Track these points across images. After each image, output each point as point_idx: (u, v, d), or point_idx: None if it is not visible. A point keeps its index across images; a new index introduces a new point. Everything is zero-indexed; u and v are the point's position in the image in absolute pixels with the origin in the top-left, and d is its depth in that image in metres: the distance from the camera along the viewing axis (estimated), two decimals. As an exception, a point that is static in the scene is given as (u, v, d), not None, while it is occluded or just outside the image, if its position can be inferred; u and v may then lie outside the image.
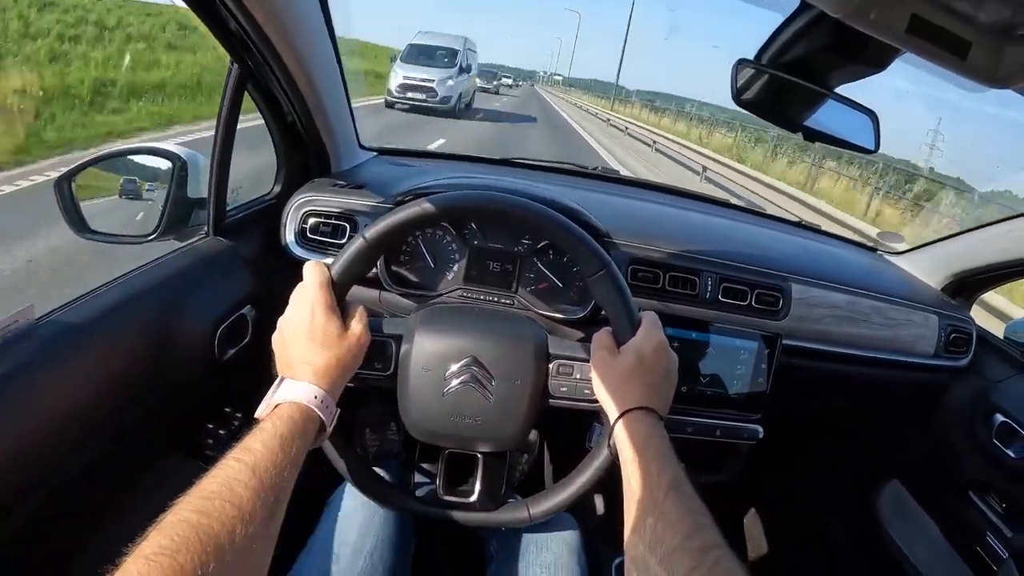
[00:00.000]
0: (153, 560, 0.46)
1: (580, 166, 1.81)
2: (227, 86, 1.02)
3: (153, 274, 0.97)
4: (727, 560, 0.55)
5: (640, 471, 0.67)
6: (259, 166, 1.36)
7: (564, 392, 0.87)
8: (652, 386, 0.78)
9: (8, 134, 5.86)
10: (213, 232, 1.10)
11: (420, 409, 0.85)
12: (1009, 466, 1.21)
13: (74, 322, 0.81)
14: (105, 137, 7.03)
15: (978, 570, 1.25)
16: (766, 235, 1.50)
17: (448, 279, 1.12)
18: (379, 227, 0.81)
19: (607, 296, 0.83)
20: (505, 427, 0.86)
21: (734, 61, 0.81)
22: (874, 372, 1.29)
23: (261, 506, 0.55)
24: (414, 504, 0.90)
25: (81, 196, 1.05)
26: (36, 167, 5.37)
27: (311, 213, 1.15)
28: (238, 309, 1.07)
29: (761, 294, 1.18)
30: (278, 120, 1.18)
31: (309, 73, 1.04)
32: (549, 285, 1.13)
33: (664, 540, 0.59)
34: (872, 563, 1.55)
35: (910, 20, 0.48)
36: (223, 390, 1.12)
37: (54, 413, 0.75)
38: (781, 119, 0.84)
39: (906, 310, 1.30)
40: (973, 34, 0.50)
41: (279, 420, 0.65)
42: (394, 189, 1.18)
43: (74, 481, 0.79)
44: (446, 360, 0.84)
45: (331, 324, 0.74)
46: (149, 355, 0.91)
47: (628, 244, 1.16)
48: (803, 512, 1.77)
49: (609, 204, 1.39)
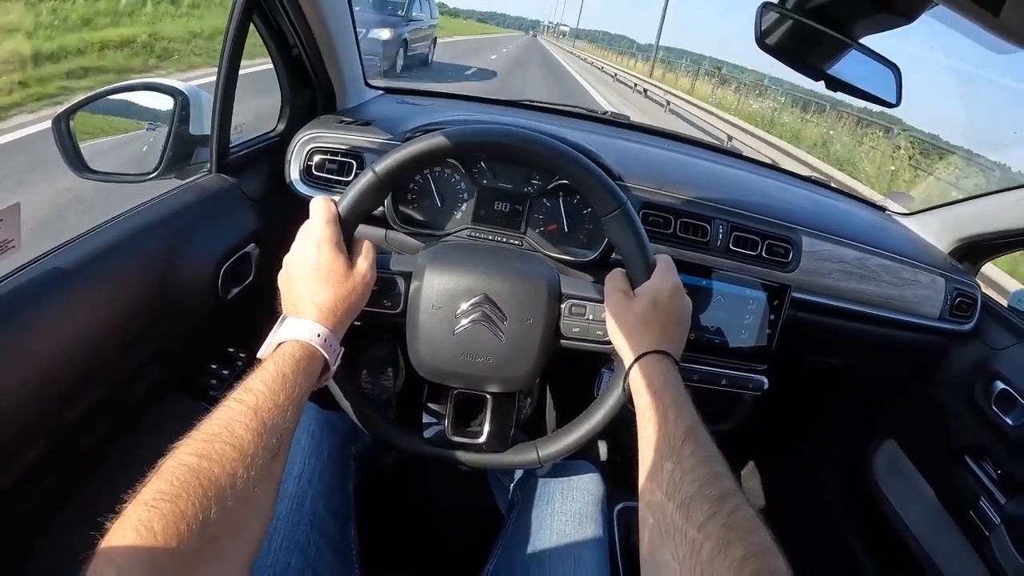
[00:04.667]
0: (153, 506, 0.45)
1: (590, 110, 1.78)
2: (232, 17, 0.99)
3: (155, 211, 0.95)
4: (744, 508, 0.55)
5: (657, 416, 0.67)
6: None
7: (576, 333, 0.86)
8: (668, 330, 0.77)
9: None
10: (216, 169, 1.08)
11: (430, 348, 0.84)
12: (1006, 433, 1.21)
13: (75, 261, 0.79)
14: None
15: (970, 534, 1.27)
16: (777, 187, 1.49)
17: (456, 218, 1.11)
18: (389, 161, 0.78)
19: (622, 236, 0.81)
20: (516, 367, 0.85)
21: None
22: (878, 330, 1.29)
23: (263, 448, 0.54)
24: (423, 445, 0.90)
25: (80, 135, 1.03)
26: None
27: (317, 150, 1.12)
28: (242, 247, 1.05)
29: (772, 245, 1.17)
30: (284, 54, 1.15)
31: (317, 5, 1.01)
32: (558, 226, 1.11)
33: (682, 486, 0.58)
34: (866, 522, 1.58)
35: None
36: (226, 329, 1.12)
37: (55, 354, 0.73)
38: (804, 66, 0.81)
39: (913, 270, 1.29)
40: None
41: (281, 359, 0.63)
42: (402, 127, 1.16)
43: (76, 422, 0.79)
44: (457, 298, 0.83)
45: (337, 261, 0.73)
46: (152, 294, 0.90)
47: (640, 188, 1.14)
48: (800, 467, 1.80)
49: (620, 148, 1.37)
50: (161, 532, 0.44)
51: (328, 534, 0.86)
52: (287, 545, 0.80)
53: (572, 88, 17.72)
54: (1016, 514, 1.16)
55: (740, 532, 0.52)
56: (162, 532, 0.44)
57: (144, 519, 0.44)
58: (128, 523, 0.44)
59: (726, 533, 0.52)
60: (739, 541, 0.51)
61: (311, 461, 0.92)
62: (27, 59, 5.82)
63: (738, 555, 0.50)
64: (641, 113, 12.62)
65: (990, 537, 1.21)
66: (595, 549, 0.92)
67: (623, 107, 10.31)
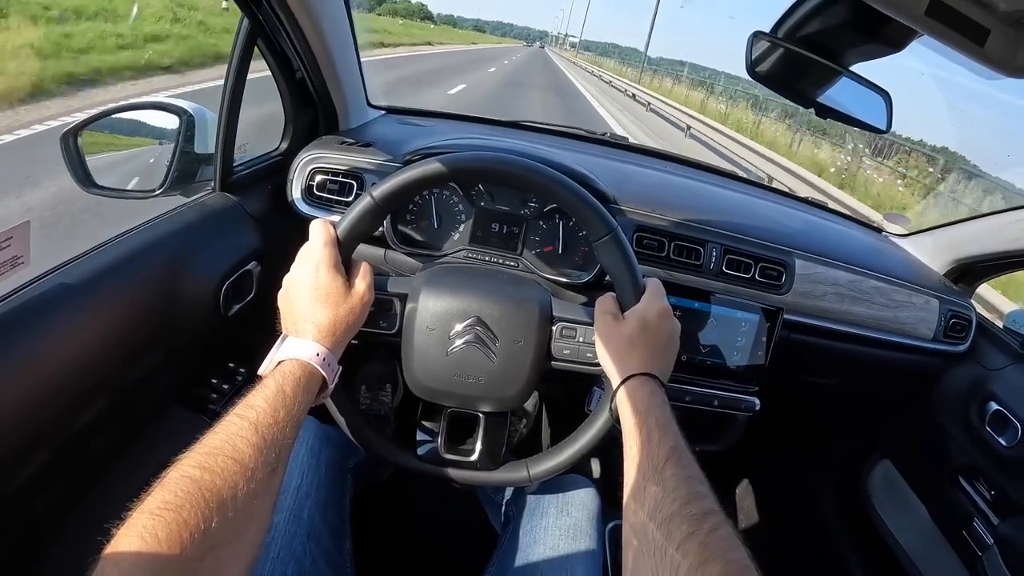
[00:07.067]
0: (157, 515, 0.47)
1: (588, 131, 1.80)
2: (237, 40, 1.02)
3: (160, 229, 0.97)
4: (724, 527, 0.56)
5: (641, 437, 0.68)
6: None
7: (567, 355, 0.88)
8: (655, 352, 0.78)
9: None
10: (220, 188, 1.11)
11: (424, 367, 0.86)
12: (1000, 454, 1.21)
13: (81, 276, 0.81)
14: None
15: (963, 554, 1.27)
16: (772, 208, 1.50)
17: (453, 239, 1.13)
18: (387, 186, 0.80)
19: (612, 261, 0.83)
20: (507, 387, 0.87)
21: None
22: (872, 352, 1.30)
23: (263, 462, 0.56)
24: (416, 462, 0.91)
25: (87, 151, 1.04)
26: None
27: (318, 170, 1.15)
28: (243, 265, 1.08)
29: (765, 267, 1.19)
30: (287, 76, 1.17)
31: (320, 28, 1.04)
32: (554, 249, 1.13)
33: (663, 506, 0.59)
34: (859, 541, 1.58)
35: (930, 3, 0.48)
36: (227, 345, 1.13)
37: (61, 366, 0.75)
38: (795, 94, 0.83)
39: (908, 292, 1.30)
40: (992, 22, 0.50)
41: (282, 377, 0.65)
42: (402, 148, 1.18)
43: (81, 431, 0.80)
44: (451, 319, 0.85)
45: (335, 282, 0.74)
46: (155, 310, 0.92)
47: (634, 211, 1.16)
48: (794, 486, 1.80)
49: (616, 170, 1.38)
50: (165, 540, 0.46)
51: (324, 546, 0.87)
52: (284, 556, 0.81)
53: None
54: (1009, 534, 1.16)
55: (717, 551, 0.53)
56: (166, 540, 0.46)
57: (149, 527, 0.46)
58: (133, 530, 0.46)
59: (703, 551, 0.53)
60: (716, 559, 0.52)
61: (309, 474, 0.93)
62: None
63: (715, 572, 0.51)
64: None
65: (983, 557, 1.20)
66: (589, 564, 0.92)
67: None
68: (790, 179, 8.62)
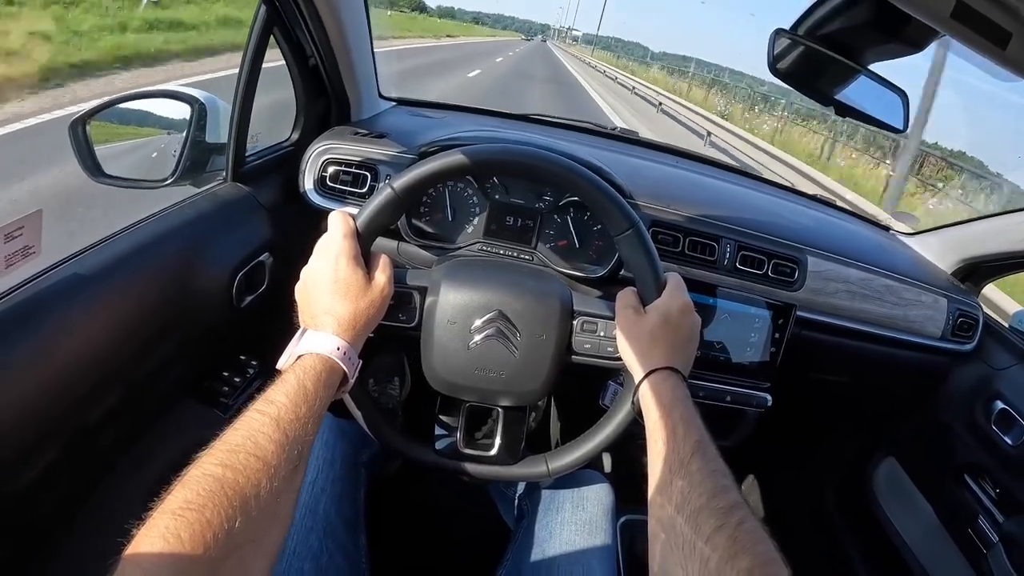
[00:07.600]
0: (179, 515, 0.46)
1: (599, 125, 1.79)
2: (253, 28, 1.01)
3: (172, 220, 0.96)
4: (750, 520, 0.56)
5: (666, 432, 0.68)
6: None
7: (587, 349, 0.87)
8: (677, 346, 0.78)
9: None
10: (232, 178, 1.09)
11: (444, 362, 0.86)
12: (1005, 452, 1.22)
13: (93, 267, 0.80)
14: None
15: (968, 552, 1.28)
16: (784, 206, 1.50)
17: (467, 232, 1.12)
18: (408, 178, 0.79)
19: (634, 255, 0.83)
20: (528, 382, 0.86)
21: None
22: (880, 349, 1.30)
23: (286, 459, 0.55)
24: (434, 456, 0.91)
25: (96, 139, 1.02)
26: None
27: (331, 161, 1.14)
28: (256, 256, 1.07)
29: (778, 264, 1.19)
30: (301, 65, 1.16)
31: (336, 17, 1.03)
32: (568, 242, 1.13)
33: (691, 500, 0.59)
34: (864, 539, 1.58)
35: (955, 5, 0.48)
36: (239, 337, 1.12)
37: (72, 358, 0.75)
38: (814, 91, 0.83)
39: (917, 290, 1.30)
40: (1015, 26, 0.49)
41: (302, 372, 0.64)
42: (415, 140, 1.17)
43: (93, 424, 0.79)
44: (472, 313, 0.84)
45: (355, 275, 0.73)
46: (167, 301, 0.91)
47: (649, 206, 1.16)
48: (800, 482, 1.81)
49: (629, 165, 1.38)
50: (188, 540, 0.45)
51: (340, 540, 0.87)
52: (300, 551, 0.81)
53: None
54: (1014, 533, 1.17)
55: (746, 543, 0.54)
56: (189, 540, 0.45)
57: (171, 527, 0.45)
58: (155, 531, 0.45)
59: (733, 544, 0.54)
60: (745, 552, 0.53)
61: (324, 468, 0.93)
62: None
63: (744, 565, 0.51)
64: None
65: (988, 555, 1.21)
66: (604, 559, 0.92)
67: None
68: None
